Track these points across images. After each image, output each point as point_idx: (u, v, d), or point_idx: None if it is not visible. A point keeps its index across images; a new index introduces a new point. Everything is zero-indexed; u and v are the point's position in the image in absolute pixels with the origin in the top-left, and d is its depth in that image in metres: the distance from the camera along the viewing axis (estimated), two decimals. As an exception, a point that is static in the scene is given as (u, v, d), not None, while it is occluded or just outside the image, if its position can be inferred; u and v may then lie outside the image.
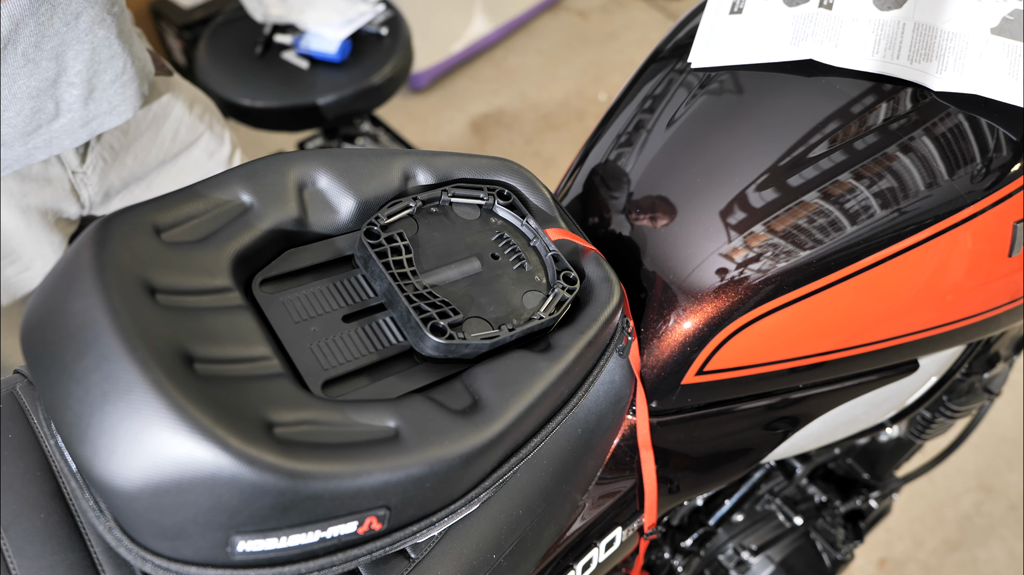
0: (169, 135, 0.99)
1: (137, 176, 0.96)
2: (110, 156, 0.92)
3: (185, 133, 1.00)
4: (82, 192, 0.90)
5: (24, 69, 0.76)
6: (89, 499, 0.45)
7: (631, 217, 0.70)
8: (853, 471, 1.20)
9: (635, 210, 0.70)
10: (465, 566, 0.59)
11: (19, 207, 0.86)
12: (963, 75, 0.69)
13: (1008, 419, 1.87)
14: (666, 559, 1.00)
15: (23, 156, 0.82)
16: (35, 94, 0.78)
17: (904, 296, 0.71)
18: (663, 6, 2.90)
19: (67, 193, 0.89)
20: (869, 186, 0.67)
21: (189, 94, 1.02)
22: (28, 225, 0.87)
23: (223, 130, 1.07)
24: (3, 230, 0.86)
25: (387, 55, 1.72)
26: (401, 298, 0.54)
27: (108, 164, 0.92)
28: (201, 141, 1.03)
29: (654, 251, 0.68)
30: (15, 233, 0.87)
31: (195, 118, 1.01)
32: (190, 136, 1.01)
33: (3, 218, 0.86)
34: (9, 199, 0.85)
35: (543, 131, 2.47)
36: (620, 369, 0.67)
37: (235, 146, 1.09)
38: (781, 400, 0.75)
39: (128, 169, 0.95)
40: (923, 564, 1.69)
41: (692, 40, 0.77)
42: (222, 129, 1.07)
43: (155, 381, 0.41)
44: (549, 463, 0.64)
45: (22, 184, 0.85)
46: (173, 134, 0.99)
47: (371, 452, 0.46)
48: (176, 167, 1.01)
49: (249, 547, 0.45)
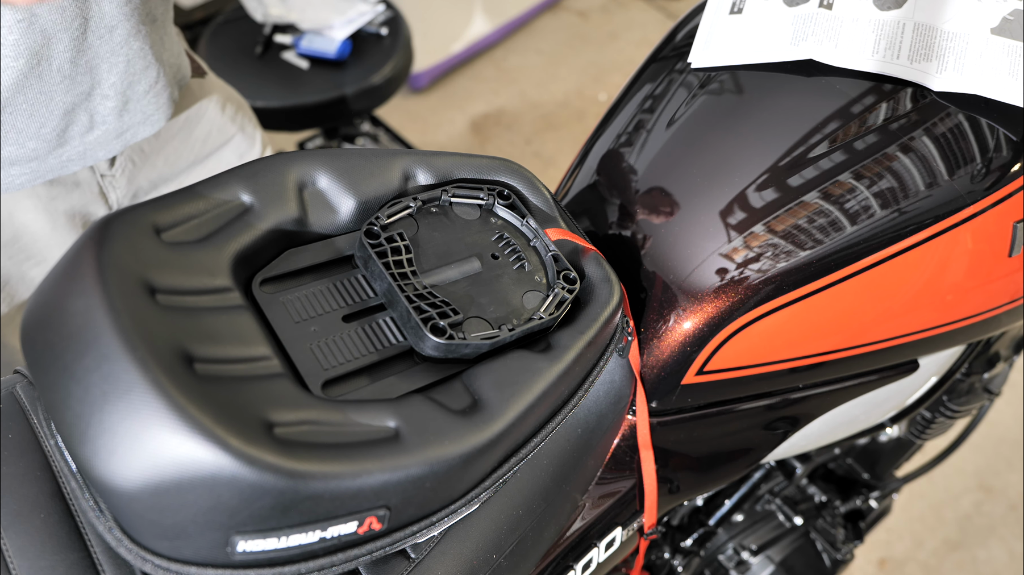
0: (201, 137, 0.98)
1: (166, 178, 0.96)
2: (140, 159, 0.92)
3: (217, 135, 1.00)
4: (110, 194, 0.90)
5: (60, 85, 0.75)
6: (89, 499, 0.45)
7: (631, 217, 0.70)
8: (853, 471, 1.20)
9: (635, 210, 0.70)
10: (465, 566, 0.59)
11: (47, 210, 0.86)
12: (963, 75, 0.69)
13: (1008, 419, 1.87)
14: (666, 559, 1.00)
15: (56, 167, 0.82)
16: (70, 108, 0.78)
17: (904, 296, 0.71)
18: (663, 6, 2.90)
19: (95, 196, 0.89)
20: (869, 186, 0.67)
21: (223, 94, 1.01)
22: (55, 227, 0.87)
23: (255, 130, 1.06)
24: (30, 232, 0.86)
25: (387, 55, 1.72)
26: (401, 298, 0.54)
27: (137, 167, 0.92)
28: (232, 142, 1.02)
29: (654, 251, 0.68)
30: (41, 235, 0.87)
31: (227, 119, 1.01)
32: (221, 138, 1.01)
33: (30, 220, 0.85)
34: (36, 202, 0.85)
35: (543, 131, 2.47)
36: (620, 369, 0.67)
37: (266, 145, 1.08)
38: (781, 400, 0.75)
39: (157, 171, 0.94)
40: (923, 564, 1.69)
41: (692, 40, 0.77)
42: (254, 129, 1.06)
43: (155, 381, 0.41)
44: (549, 463, 0.64)
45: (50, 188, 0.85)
46: (205, 136, 0.98)
47: (371, 452, 0.46)
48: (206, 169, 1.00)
49: (249, 547, 0.45)
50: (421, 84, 2.52)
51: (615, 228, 0.70)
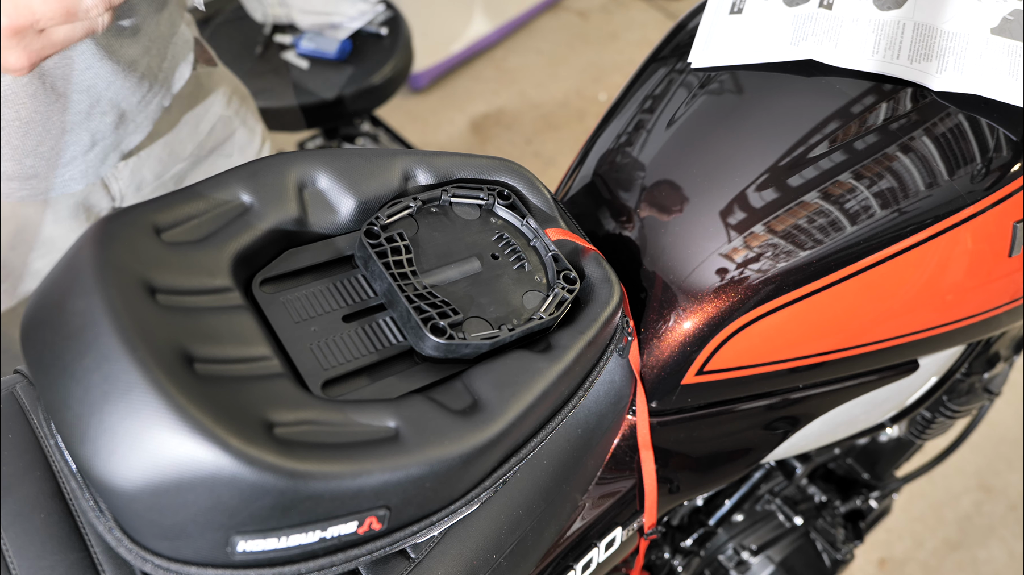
0: (205, 130, 0.98)
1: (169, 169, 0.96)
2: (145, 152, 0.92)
3: (221, 128, 1.00)
4: (112, 185, 0.90)
5: (56, 105, 0.74)
6: (89, 499, 0.45)
7: (631, 217, 0.70)
8: (853, 471, 1.20)
9: (635, 210, 0.70)
10: (465, 566, 0.59)
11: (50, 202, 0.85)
12: (963, 75, 0.69)
13: (1008, 419, 1.87)
14: (666, 559, 1.00)
15: (59, 186, 0.81)
16: (69, 128, 0.77)
17: (904, 296, 0.71)
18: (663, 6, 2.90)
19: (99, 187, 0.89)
20: (869, 186, 0.67)
21: (230, 85, 1.01)
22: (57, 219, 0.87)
23: (256, 123, 1.06)
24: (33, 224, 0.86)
25: (387, 55, 1.72)
26: (401, 298, 0.54)
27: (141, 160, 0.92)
28: (236, 136, 1.02)
29: (654, 251, 0.68)
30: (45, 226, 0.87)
31: (232, 112, 1.01)
32: (225, 131, 1.01)
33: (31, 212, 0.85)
34: None
35: (543, 131, 2.47)
36: (620, 369, 0.67)
37: (264, 140, 1.08)
38: (781, 400, 0.75)
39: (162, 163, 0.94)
40: (923, 564, 1.69)
41: (692, 40, 0.77)
42: (255, 122, 1.06)
43: (155, 381, 0.41)
44: (549, 463, 0.64)
45: None
46: (209, 129, 0.98)
47: (371, 452, 0.46)
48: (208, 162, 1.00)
49: (249, 547, 0.45)
50: (421, 84, 2.52)
51: (615, 228, 0.70)
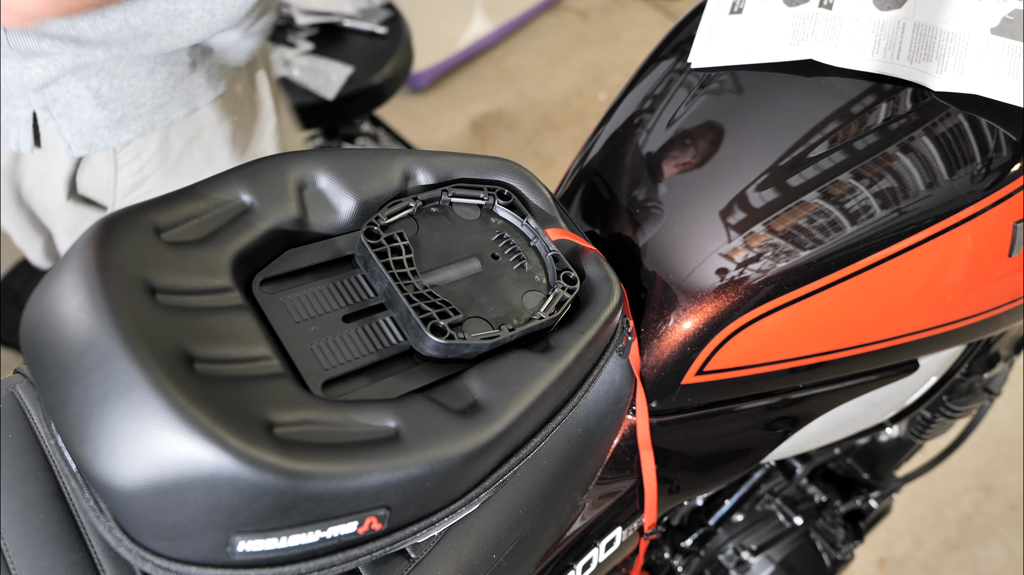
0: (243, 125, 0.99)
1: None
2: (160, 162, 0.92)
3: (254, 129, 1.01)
4: None
5: None
6: (89, 499, 0.45)
7: (631, 217, 0.70)
8: (853, 471, 1.20)
9: (635, 210, 0.70)
10: (465, 566, 0.59)
11: None
12: (963, 75, 0.69)
13: (1008, 419, 1.87)
14: (666, 559, 1.00)
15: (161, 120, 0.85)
16: None
17: (904, 296, 0.71)
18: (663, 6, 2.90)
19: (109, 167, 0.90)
20: (869, 186, 0.67)
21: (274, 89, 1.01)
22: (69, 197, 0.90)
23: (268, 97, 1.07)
24: None
25: (387, 55, 1.72)
26: (401, 298, 0.54)
27: None
28: None
29: (654, 251, 0.68)
30: None
31: None
32: None
33: None
34: None
35: (543, 131, 2.47)
36: (620, 369, 0.67)
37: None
38: (781, 400, 0.75)
39: None
40: (923, 564, 1.69)
41: (692, 40, 0.77)
42: None
43: (155, 381, 0.41)
44: (549, 463, 0.64)
45: None
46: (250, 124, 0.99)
47: (371, 452, 0.46)
48: None
49: (249, 547, 0.45)
50: (421, 84, 2.52)
51: (615, 228, 0.70)
